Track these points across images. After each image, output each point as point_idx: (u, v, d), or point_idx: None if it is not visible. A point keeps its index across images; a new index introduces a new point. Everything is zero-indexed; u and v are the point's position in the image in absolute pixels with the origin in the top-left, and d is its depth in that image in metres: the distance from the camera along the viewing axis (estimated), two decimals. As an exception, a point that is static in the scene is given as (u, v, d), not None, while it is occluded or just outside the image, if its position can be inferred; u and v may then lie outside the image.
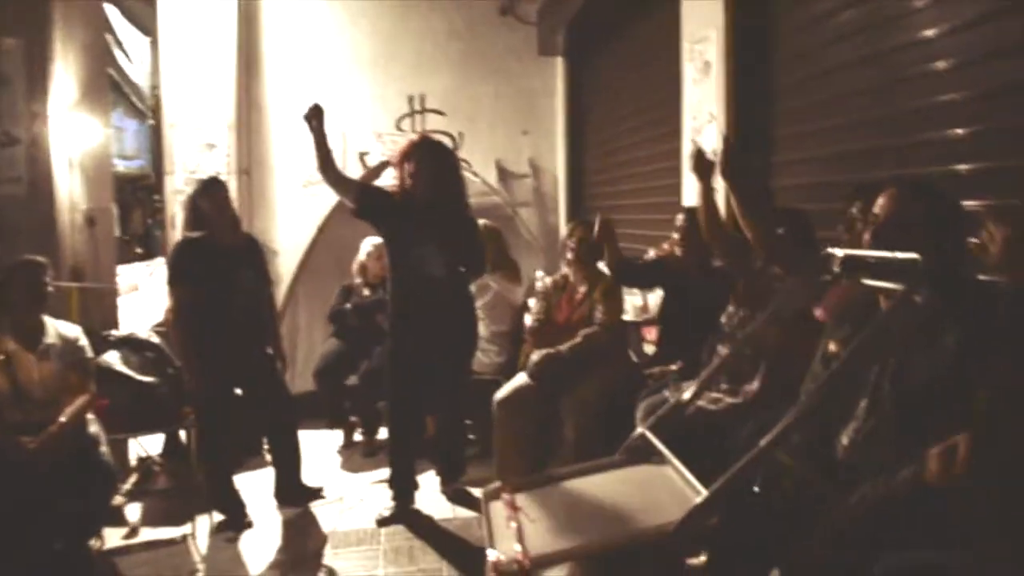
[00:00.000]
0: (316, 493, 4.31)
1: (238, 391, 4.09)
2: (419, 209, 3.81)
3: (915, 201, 1.95)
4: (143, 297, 6.49)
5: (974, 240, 1.33)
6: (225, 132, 6.11)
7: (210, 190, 3.95)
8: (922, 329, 1.86)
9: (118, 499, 4.03)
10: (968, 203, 2.45)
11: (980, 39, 2.51)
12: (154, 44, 7.85)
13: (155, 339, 4.22)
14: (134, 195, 10.97)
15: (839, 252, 1.86)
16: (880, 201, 2.00)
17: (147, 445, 4.65)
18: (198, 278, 3.84)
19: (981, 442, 1.43)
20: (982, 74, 2.51)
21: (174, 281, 3.90)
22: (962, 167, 2.59)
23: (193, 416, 3.97)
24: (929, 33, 2.74)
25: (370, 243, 5.35)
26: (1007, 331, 1.45)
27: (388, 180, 5.67)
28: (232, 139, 6.13)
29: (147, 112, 9.52)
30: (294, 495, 4.22)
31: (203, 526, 3.91)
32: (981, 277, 1.99)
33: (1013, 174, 2.38)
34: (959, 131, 2.62)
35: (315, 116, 3.73)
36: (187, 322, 3.85)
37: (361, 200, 3.85)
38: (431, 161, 3.85)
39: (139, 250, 10.53)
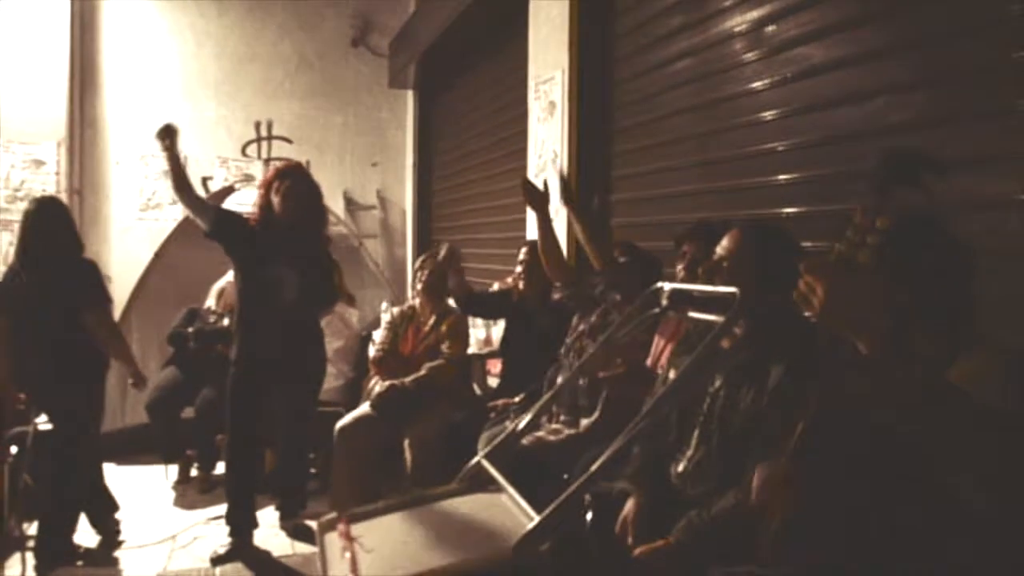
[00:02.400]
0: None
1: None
2: (278, 234, 3.74)
3: (751, 241, 2.09)
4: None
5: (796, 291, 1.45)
6: (55, 149, 5.78)
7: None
8: (749, 363, 1.99)
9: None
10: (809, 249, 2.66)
11: (802, 93, 2.73)
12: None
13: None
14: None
15: (667, 286, 1.97)
16: (727, 242, 2.12)
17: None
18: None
19: (797, 471, 1.53)
20: (803, 125, 2.73)
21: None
22: (785, 210, 2.79)
23: (8, 452, 3.68)
24: (757, 85, 2.95)
25: (226, 280, 5.19)
26: (822, 366, 1.57)
27: (231, 206, 5.54)
28: (63, 156, 5.81)
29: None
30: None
31: (14, 574, 3.62)
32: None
33: (830, 218, 2.58)
34: (782, 177, 2.82)
35: (167, 136, 3.62)
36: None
37: (216, 223, 3.75)
38: (301, 185, 3.80)
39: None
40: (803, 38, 2.72)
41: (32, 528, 3.81)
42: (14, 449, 3.74)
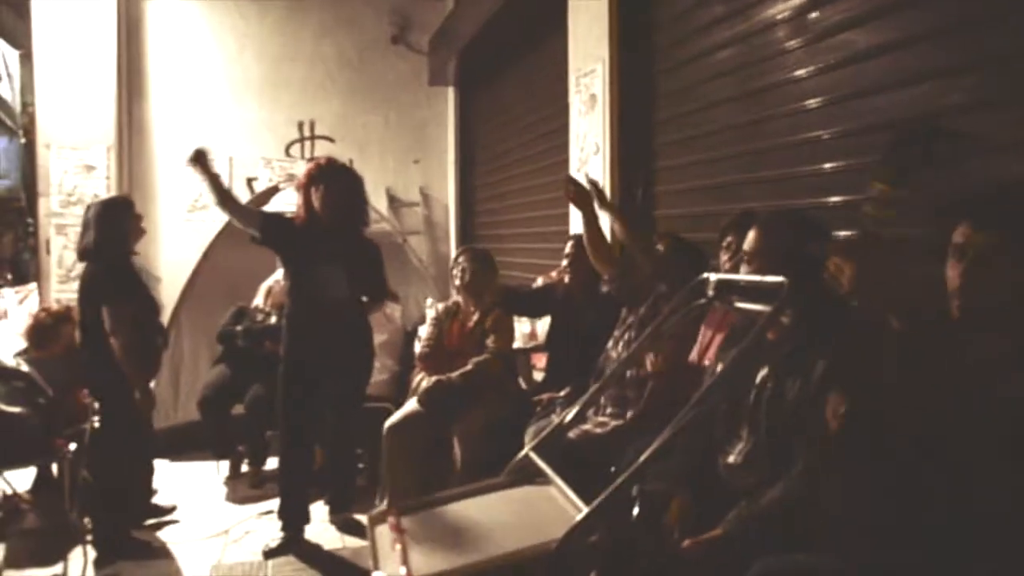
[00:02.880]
0: (168, 510, 4.29)
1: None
2: (323, 233, 3.79)
3: (782, 232, 2.08)
4: (12, 324, 6.16)
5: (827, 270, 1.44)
6: (105, 154, 5.91)
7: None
8: (793, 354, 1.98)
9: (-21, 541, 3.81)
10: (839, 233, 2.62)
11: (846, 79, 2.69)
12: (25, 58, 7.56)
13: (25, 368, 4.02)
14: (4, 217, 10.42)
15: (713, 277, 1.96)
16: (750, 236, 2.12)
17: (15, 481, 4.39)
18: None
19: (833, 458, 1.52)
20: (849, 112, 2.68)
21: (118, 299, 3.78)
22: (831, 199, 2.75)
23: (66, 448, 3.79)
24: (800, 73, 2.91)
25: (274, 279, 5.27)
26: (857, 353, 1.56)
27: (276, 206, 5.61)
28: (113, 161, 5.93)
29: (17, 130, 9.10)
30: (145, 511, 4.23)
31: (76, 565, 3.72)
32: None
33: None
34: (827, 165, 2.78)
35: (197, 160, 3.68)
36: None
37: (264, 227, 3.81)
38: (336, 184, 3.83)
39: (9, 276, 9.98)
40: (847, 23, 2.67)
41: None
42: (73, 446, 3.84)
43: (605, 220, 3.49)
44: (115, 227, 3.86)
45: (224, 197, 3.74)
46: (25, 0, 6.06)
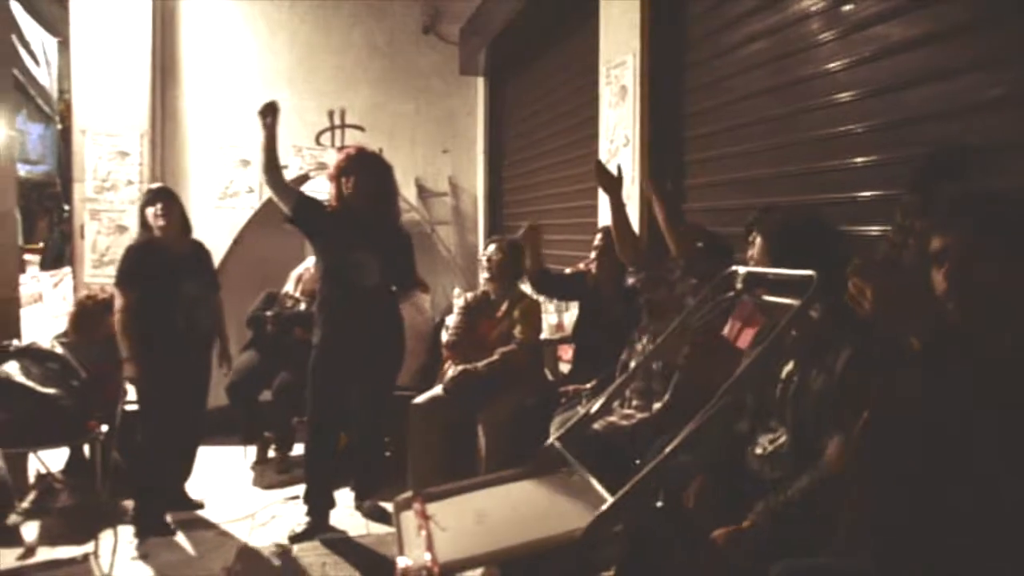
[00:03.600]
0: (195, 505, 4.33)
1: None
2: (355, 220, 3.81)
3: (806, 228, 2.09)
4: (47, 307, 6.26)
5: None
6: (138, 140, 5.98)
7: (153, 198, 4.05)
8: (819, 347, 1.98)
9: (13, 518, 3.89)
10: (869, 229, 2.61)
11: (880, 73, 2.66)
12: (63, 46, 7.65)
13: (59, 350, 4.08)
14: (40, 203, 10.56)
15: (741, 270, 1.96)
16: (757, 242, 2.13)
17: (49, 461, 4.48)
18: (143, 282, 3.95)
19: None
20: (882, 106, 2.66)
21: (121, 283, 3.97)
22: (862, 194, 2.73)
23: (98, 429, 3.86)
24: (833, 66, 2.88)
25: (306, 266, 5.31)
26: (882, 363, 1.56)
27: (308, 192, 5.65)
28: (146, 147, 6.00)
29: (54, 116, 9.21)
30: (174, 500, 4.24)
31: (107, 544, 3.78)
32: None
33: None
34: (859, 159, 2.76)
35: (270, 112, 3.73)
36: (133, 322, 3.92)
37: (298, 208, 3.82)
38: (367, 174, 3.85)
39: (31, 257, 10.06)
40: (882, 16, 2.64)
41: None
42: (105, 427, 3.91)
43: (632, 210, 3.48)
44: (141, 215, 4.07)
45: (272, 162, 3.77)
46: (64, -12, 6.13)
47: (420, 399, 4.17)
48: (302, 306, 5.12)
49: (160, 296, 3.95)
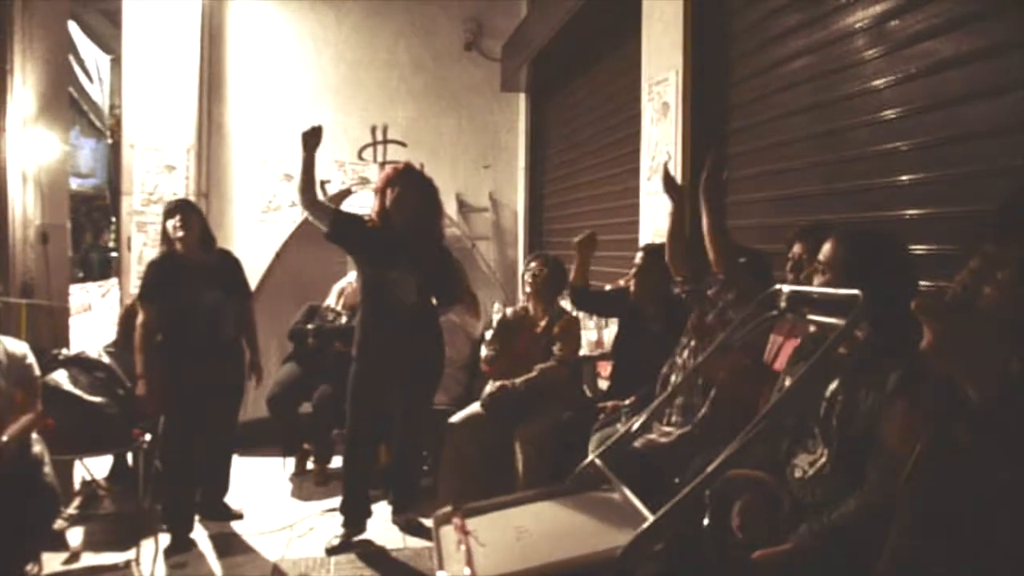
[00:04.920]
0: (235, 515, 4.34)
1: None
2: (396, 236, 3.83)
3: (858, 245, 2.05)
4: (95, 317, 6.39)
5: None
6: (185, 155, 6.10)
7: (173, 211, 4.01)
8: (867, 367, 1.95)
9: (60, 523, 3.95)
10: (915, 248, 2.57)
11: (925, 90, 2.63)
12: (115, 63, 7.85)
13: (106, 359, 4.16)
14: (88, 216, 10.80)
15: (785, 288, 1.94)
16: (826, 247, 2.09)
17: (93, 468, 4.55)
18: (163, 294, 3.94)
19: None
20: (928, 123, 2.62)
21: (143, 297, 3.99)
22: (908, 212, 2.69)
23: (142, 438, 3.91)
24: (878, 83, 2.85)
25: (348, 281, 5.36)
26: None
27: (348, 208, 5.70)
28: (192, 162, 6.12)
29: (105, 131, 9.44)
30: (213, 511, 4.27)
31: (148, 551, 3.83)
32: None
33: (956, 220, 2.48)
34: (904, 178, 2.72)
35: (314, 136, 3.76)
36: (149, 336, 3.95)
37: (335, 225, 3.85)
38: (413, 188, 3.87)
39: (80, 274, 10.27)
40: (929, 32, 2.61)
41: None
42: (148, 436, 3.96)
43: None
44: (162, 229, 4.07)
45: (308, 184, 3.79)
46: (118, 8, 6.28)
47: (457, 416, 4.18)
48: (343, 319, 5.16)
49: (181, 308, 3.93)
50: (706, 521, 1.98)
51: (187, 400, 3.93)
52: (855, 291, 1.69)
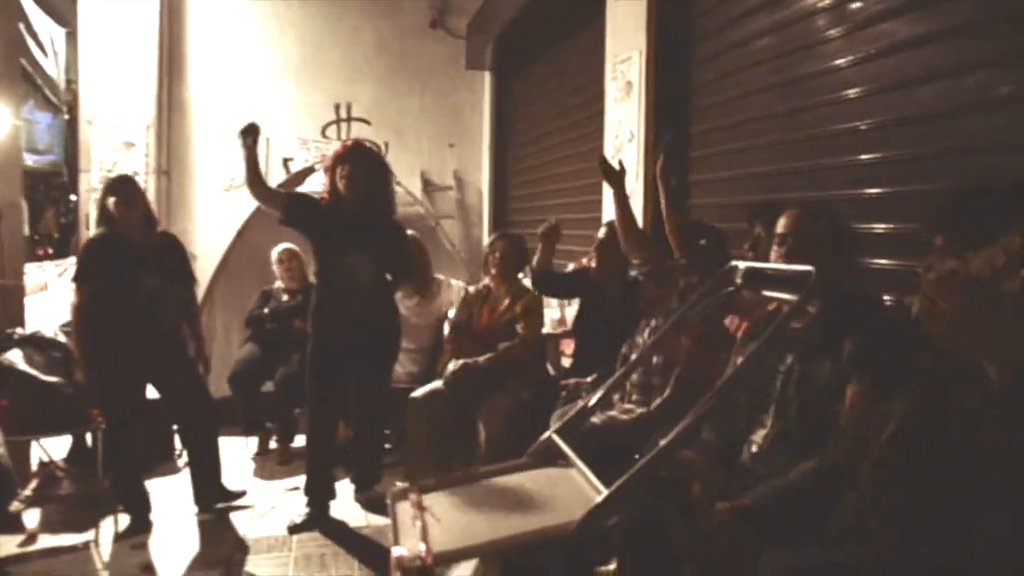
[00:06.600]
0: (237, 495, 4.25)
1: (153, 392, 4.05)
2: (348, 215, 3.80)
3: (814, 221, 2.08)
4: (52, 296, 6.28)
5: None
6: (144, 131, 6.00)
7: (115, 188, 3.87)
8: (821, 338, 1.98)
9: (16, 505, 3.89)
10: (873, 226, 2.60)
11: (887, 70, 2.65)
12: (71, 36, 7.68)
13: (62, 338, 4.10)
14: (47, 193, 10.59)
15: (741, 265, 1.96)
16: (782, 221, 2.12)
17: (51, 449, 4.49)
18: (100, 276, 3.79)
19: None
20: (888, 103, 2.65)
21: (78, 278, 3.85)
22: (867, 191, 2.72)
23: (99, 419, 3.86)
24: (840, 62, 2.87)
25: (277, 249, 5.33)
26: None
27: (311, 186, 5.66)
28: (152, 139, 6.02)
29: (61, 106, 9.24)
30: (213, 496, 4.15)
31: (107, 532, 3.80)
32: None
33: (911, 199, 2.51)
34: (864, 157, 2.75)
35: (251, 134, 3.71)
36: (85, 320, 3.81)
37: (288, 210, 3.83)
38: (363, 166, 3.84)
39: (50, 250, 10.15)
40: (889, 13, 2.63)
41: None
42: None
43: (636, 204, 3.47)
44: (101, 206, 3.93)
45: (255, 177, 3.76)
46: (72, -22, 6.15)
47: (419, 392, 4.18)
48: (299, 297, 5.15)
49: (117, 290, 3.78)
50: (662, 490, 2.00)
51: (123, 386, 3.85)
52: (808, 268, 1.72)
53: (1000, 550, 1.31)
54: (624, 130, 4.20)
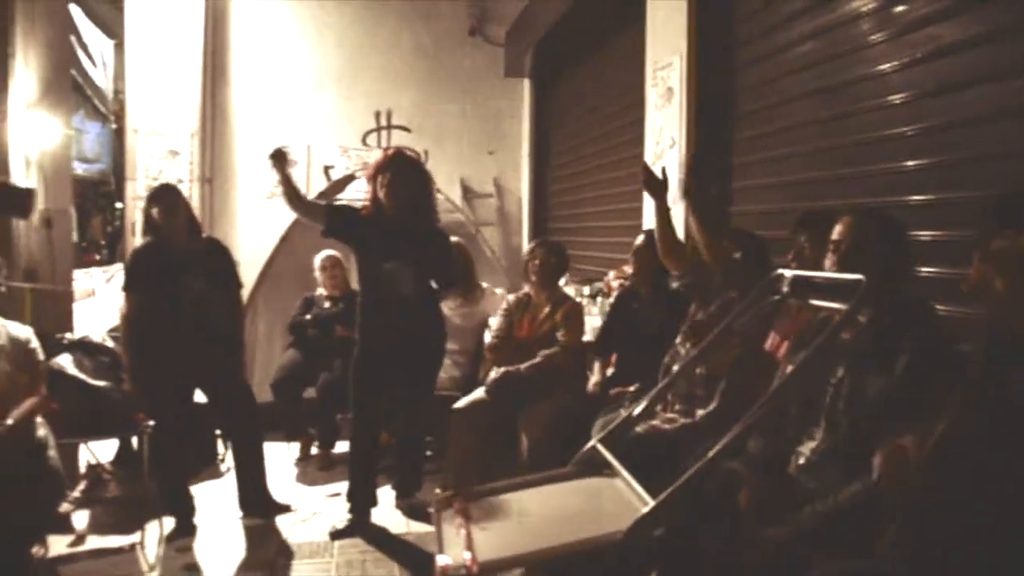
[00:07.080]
0: (283, 508, 4.24)
1: (200, 397, 4.11)
2: (389, 223, 3.82)
3: (871, 228, 2.04)
4: (100, 302, 6.39)
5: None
6: (188, 139, 6.09)
7: (158, 198, 3.93)
8: (874, 350, 1.94)
9: (65, 506, 3.96)
10: (917, 233, 2.56)
11: (932, 75, 2.61)
12: (119, 47, 7.82)
13: (110, 344, 4.17)
14: (95, 201, 10.81)
15: (788, 273, 1.93)
16: (838, 227, 2.08)
17: (98, 452, 4.57)
18: (147, 284, 3.87)
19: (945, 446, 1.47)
20: (934, 108, 2.61)
21: (126, 287, 3.94)
22: (913, 197, 2.68)
23: (146, 422, 3.91)
24: (884, 67, 2.83)
25: (320, 256, 5.38)
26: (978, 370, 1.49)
27: (351, 194, 5.71)
28: (196, 147, 6.11)
29: (109, 116, 9.43)
30: (259, 506, 4.16)
31: (153, 535, 3.85)
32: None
33: (962, 205, 2.47)
34: (910, 163, 2.71)
35: (279, 159, 3.77)
36: (132, 328, 3.89)
37: (329, 221, 3.88)
38: (404, 175, 3.86)
39: (97, 256, 10.35)
40: (934, 16, 2.59)
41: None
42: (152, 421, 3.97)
43: (678, 215, 3.45)
44: (146, 216, 3.98)
45: (293, 195, 3.83)
46: (120, -9, 6.27)
47: (461, 402, 4.19)
48: (340, 304, 5.21)
49: (164, 297, 3.84)
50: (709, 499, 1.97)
51: (170, 391, 3.91)
52: (858, 276, 1.69)
53: None
54: (665, 137, 4.18)
